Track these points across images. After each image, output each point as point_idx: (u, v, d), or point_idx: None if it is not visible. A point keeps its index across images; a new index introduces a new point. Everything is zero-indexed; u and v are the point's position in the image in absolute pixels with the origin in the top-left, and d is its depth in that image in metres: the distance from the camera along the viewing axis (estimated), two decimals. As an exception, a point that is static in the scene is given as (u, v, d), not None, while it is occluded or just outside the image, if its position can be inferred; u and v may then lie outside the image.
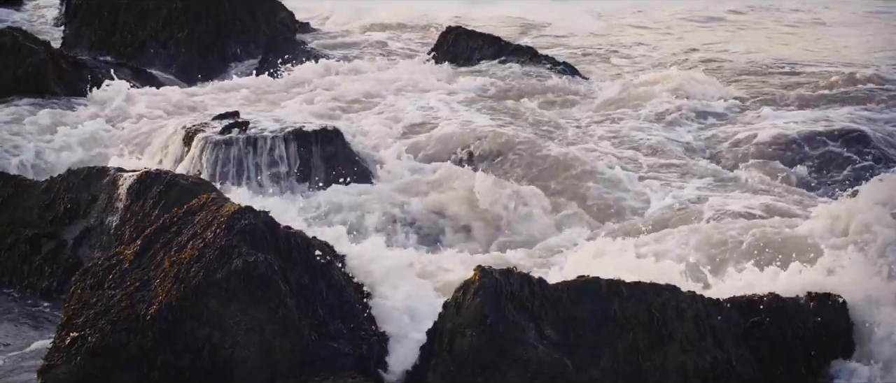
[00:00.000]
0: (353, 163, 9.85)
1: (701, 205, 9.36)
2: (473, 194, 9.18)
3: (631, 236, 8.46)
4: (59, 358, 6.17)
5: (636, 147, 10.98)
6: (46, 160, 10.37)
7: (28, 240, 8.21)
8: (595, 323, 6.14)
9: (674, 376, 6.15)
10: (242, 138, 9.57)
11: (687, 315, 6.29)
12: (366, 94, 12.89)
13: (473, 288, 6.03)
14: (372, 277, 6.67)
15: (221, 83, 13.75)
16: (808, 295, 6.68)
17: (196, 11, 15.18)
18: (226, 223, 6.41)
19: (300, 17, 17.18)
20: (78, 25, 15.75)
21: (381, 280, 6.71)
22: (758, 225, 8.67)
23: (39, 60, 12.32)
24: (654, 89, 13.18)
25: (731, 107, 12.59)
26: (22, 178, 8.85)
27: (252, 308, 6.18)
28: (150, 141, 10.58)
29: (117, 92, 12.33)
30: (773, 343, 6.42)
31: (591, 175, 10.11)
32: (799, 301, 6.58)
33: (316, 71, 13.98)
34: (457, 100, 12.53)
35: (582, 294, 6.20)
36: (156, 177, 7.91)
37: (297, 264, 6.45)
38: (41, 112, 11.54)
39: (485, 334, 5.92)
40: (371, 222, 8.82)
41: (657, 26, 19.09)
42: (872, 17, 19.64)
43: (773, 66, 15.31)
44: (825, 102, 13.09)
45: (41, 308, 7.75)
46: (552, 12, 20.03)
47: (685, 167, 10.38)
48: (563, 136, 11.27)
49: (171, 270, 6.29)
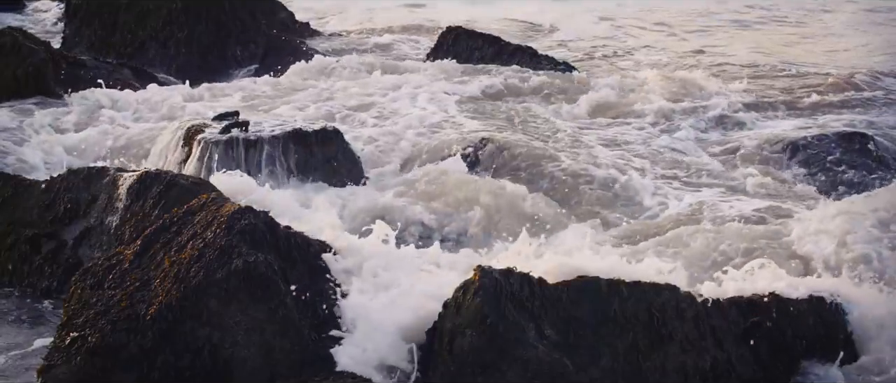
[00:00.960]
0: (352, 163, 9.85)
1: (701, 206, 9.36)
2: (473, 195, 9.18)
3: (631, 236, 8.46)
4: (59, 357, 6.17)
5: (636, 148, 10.98)
6: (45, 161, 10.37)
7: (28, 240, 8.20)
8: (595, 323, 6.14)
9: (674, 376, 6.15)
10: (243, 138, 9.57)
11: (687, 315, 6.29)
12: (365, 94, 12.89)
13: (473, 288, 6.03)
14: (371, 276, 6.67)
15: (221, 83, 13.74)
16: (808, 296, 6.68)
17: (196, 11, 15.18)
18: (226, 223, 6.41)
19: (300, 18, 17.18)
20: (78, 25, 15.76)
21: (381, 279, 6.70)
22: (758, 226, 8.68)
23: (39, 60, 12.33)
24: (654, 90, 13.18)
25: (732, 108, 12.59)
26: (22, 178, 8.84)
27: (252, 308, 6.18)
28: (151, 141, 10.58)
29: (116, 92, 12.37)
30: (773, 343, 6.43)
31: (591, 176, 10.11)
32: (799, 301, 6.59)
33: (316, 71, 13.98)
34: (456, 100, 12.53)
35: (582, 294, 6.21)
36: (156, 177, 7.91)
37: (297, 264, 6.46)
38: (41, 113, 11.55)
39: (485, 334, 5.92)
40: (370, 222, 8.82)
41: (660, 28, 19.10)
42: (874, 18, 19.64)
43: (774, 67, 15.31)
44: (826, 105, 13.10)
45: (41, 308, 7.74)
46: (552, 13, 20.06)
47: (685, 168, 10.38)
48: (563, 137, 11.26)
49: (171, 270, 6.29)
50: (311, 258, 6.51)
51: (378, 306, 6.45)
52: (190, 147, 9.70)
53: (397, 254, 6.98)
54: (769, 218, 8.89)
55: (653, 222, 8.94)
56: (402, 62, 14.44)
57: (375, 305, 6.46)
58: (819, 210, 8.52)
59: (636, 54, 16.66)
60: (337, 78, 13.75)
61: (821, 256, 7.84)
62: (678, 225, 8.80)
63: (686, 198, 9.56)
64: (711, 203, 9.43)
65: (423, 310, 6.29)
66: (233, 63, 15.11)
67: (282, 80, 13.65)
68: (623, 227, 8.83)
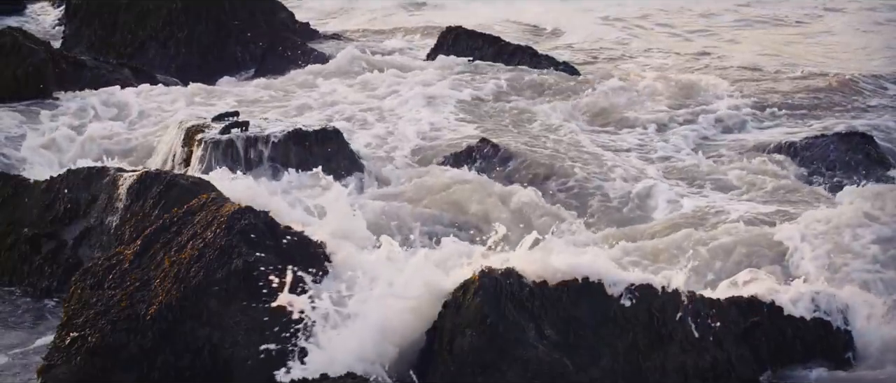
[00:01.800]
0: (352, 163, 9.84)
1: (701, 207, 9.36)
2: (472, 195, 9.18)
3: (631, 237, 8.46)
4: (59, 357, 6.17)
5: (636, 149, 10.98)
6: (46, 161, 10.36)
7: (28, 240, 8.20)
8: (595, 323, 6.14)
9: (674, 376, 6.15)
10: (243, 138, 9.56)
11: (687, 315, 6.29)
12: (365, 94, 12.90)
13: (473, 288, 6.04)
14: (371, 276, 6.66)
15: (221, 83, 13.74)
16: (808, 296, 6.68)
17: (196, 11, 15.18)
18: (226, 223, 6.41)
19: (300, 18, 17.17)
20: (78, 25, 15.76)
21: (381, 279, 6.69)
22: (758, 226, 8.68)
23: (39, 60, 12.32)
24: (655, 91, 13.19)
25: (732, 110, 12.59)
26: (22, 178, 8.84)
27: (252, 308, 6.18)
28: (151, 141, 10.58)
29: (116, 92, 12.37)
30: (773, 343, 6.42)
31: (592, 177, 10.11)
32: (799, 301, 6.59)
33: (316, 71, 13.98)
34: (456, 100, 12.53)
35: (582, 294, 6.21)
36: (156, 177, 7.90)
37: (297, 264, 6.45)
38: (41, 113, 11.55)
39: (485, 334, 5.92)
40: (369, 222, 8.81)
41: (661, 29, 19.09)
42: (874, 18, 19.64)
43: (774, 68, 15.32)
44: (827, 105, 13.11)
45: (41, 308, 7.74)
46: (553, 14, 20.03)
47: (685, 169, 10.37)
48: (563, 138, 11.27)
49: (171, 270, 6.29)
50: (310, 258, 6.50)
51: (378, 306, 6.45)
52: (190, 147, 9.70)
53: (397, 253, 6.97)
54: (769, 218, 8.89)
55: (653, 223, 8.93)
56: (402, 62, 14.43)
57: (375, 305, 6.45)
58: (820, 211, 8.52)
59: (637, 55, 16.65)
60: (337, 78, 13.75)
61: (821, 257, 7.84)
62: (679, 226, 8.79)
63: (686, 199, 9.56)
64: (712, 204, 9.42)
65: (423, 310, 6.28)
66: (232, 63, 15.10)
67: (281, 79, 13.65)
68: (623, 228, 8.82)
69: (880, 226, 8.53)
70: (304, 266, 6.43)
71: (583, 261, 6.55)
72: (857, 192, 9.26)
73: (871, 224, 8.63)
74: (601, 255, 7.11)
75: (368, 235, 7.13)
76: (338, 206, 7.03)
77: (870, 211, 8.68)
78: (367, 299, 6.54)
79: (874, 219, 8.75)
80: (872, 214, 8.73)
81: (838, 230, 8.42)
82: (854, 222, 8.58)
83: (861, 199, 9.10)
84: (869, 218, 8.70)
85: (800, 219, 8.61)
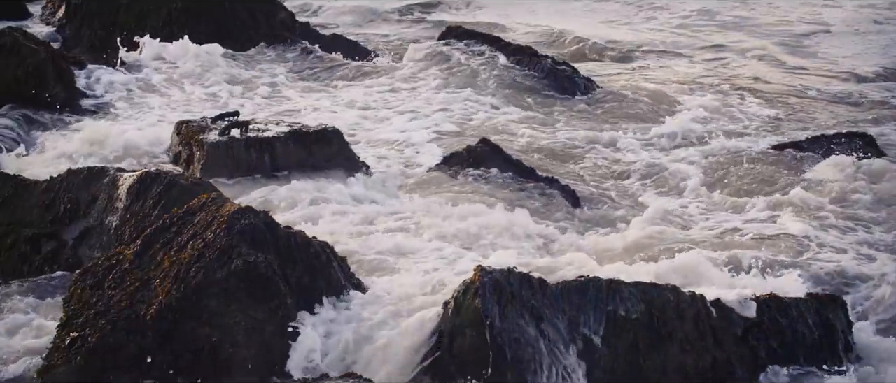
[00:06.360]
0: (352, 163, 9.84)
1: (701, 207, 9.37)
2: (470, 195, 9.18)
3: (632, 237, 8.46)
4: (59, 357, 6.17)
5: (636, 151, 10.97)
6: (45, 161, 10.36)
7: (28, 240, 8.19)
8: (595, 324, 6.14)
9: (674, 376, 6.15)
10: (242, 138, 9.56)
11: (687, 315, 6.29)
12: (364, 93, 12.90)
13: (473, 289, 6.03)
14: (371, 276, 6.67)
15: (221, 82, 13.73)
16: (808, 296, 6.69)
17: (196, 11, 15.16)
18: (226, 223, 6.41)
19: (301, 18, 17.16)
20: (78, 25, 15.74)
21: (381, 279, 6.70)
22: (758, 227, 8.69)
23: (39, 60, 12.29)
24: (655, 92, 13.19)
25: (732, 110, 12.60)
26: (22, 178, 8.83)
27: (252, 308, 6.18)
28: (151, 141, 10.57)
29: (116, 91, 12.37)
30: (773, 343, 6.42)
31: (592, 178, 10.12)
32: (799, 301, 6.59)
33: (316, 71, 13.97)
34: (455, 100, 12.53)
35: (582, 294, 6.21)
36: (156, 177, 7.90)
37: (297, 264, 6.46)
38: (41, 113, 11.54)
39: (485, 334, 5.92)
40: (369, 222, 8.82)
41: (663, 29, 19.07)
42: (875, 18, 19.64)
43: (776, 70, 15.33)
44: (827, 106, 13.12)
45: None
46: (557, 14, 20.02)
47: (685, 170, 10.37)
48: (562, 139, 11.27)
49: (171, 270, 6.29)
50: (311, 258, 6.50)
51: (378, 306, 6.46)
52: (190, 147, 9.69)
53: (397, 253, 6.98)
54: (769, 219, 8.90)
55: (654, 223, 8.93)
56: (403, 63, 14.42)
57: (375, 305, 6.46)
58: (820, 211, 8.53)
59: (638, 56, 16.63)
60: (337, 78, 13.75)
61: (821, 257, 7.84)
62: (679, 226, 8.80)
63: (686, 199, 9.57)
64: (712, 204, 9.43)
65: (423, 311, 6.29)
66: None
67: (281, 79, 13.64)
68: (623, 229, 8.82)
69: (882, 227, 8.54)
70: (304, 266, 6.43)
71: (583, 261, 6.56)
72: (859, 192, 9.28)
73: (872, 224, 8.64)
74: (601, 255, 7.12)
75: (368, 235, 7.14)
76: (337, 207, 7.04)
77: (871, 210, 8.71)
78: (367, 298, 6.56)
79: (876, 218, 8.76)
80: (874, 214, 8.75)
81: (840, 230, 8.44)
82: (855, 222, 8.60)
83: (862, 199, 9.13)
84: (871, 217, 8.71)
85: (800, 218, 8.62)
